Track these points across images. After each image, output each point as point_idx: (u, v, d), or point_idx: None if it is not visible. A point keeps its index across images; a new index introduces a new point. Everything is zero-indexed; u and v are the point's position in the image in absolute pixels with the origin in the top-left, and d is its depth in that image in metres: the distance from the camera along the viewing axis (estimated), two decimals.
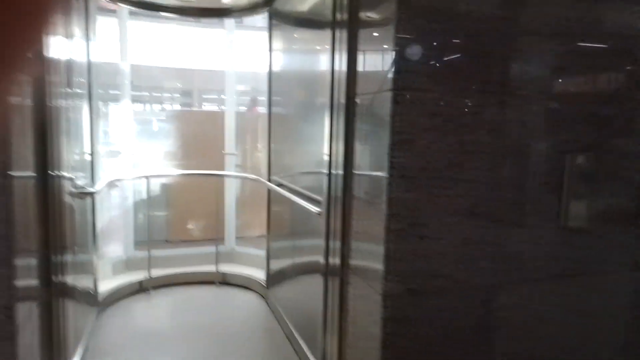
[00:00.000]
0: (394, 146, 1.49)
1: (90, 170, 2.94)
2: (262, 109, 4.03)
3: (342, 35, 1.92)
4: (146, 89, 4.93)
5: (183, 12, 3.47)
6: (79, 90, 2.70)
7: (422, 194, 1.54)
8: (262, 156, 4.08)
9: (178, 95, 5.56)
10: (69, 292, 2.29)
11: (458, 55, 1.55)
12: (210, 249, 4.19)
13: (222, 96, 4.59)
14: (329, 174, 2.03)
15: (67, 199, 2.33)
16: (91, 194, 2.50)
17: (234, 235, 4.44)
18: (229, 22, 4.20)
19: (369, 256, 1.71)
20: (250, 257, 4.17)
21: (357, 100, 1.83)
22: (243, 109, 4.89)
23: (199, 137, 4.86)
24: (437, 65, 1.53)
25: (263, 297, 3.63)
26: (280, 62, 3.34)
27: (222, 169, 4.39)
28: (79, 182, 2.63)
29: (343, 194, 1.92)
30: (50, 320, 1.96)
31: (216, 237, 4.20)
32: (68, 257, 2.22)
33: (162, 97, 5.21)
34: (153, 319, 3.30)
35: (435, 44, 1.52)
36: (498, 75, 1.58)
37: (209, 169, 4.31)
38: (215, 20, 4.20)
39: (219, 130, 4.50)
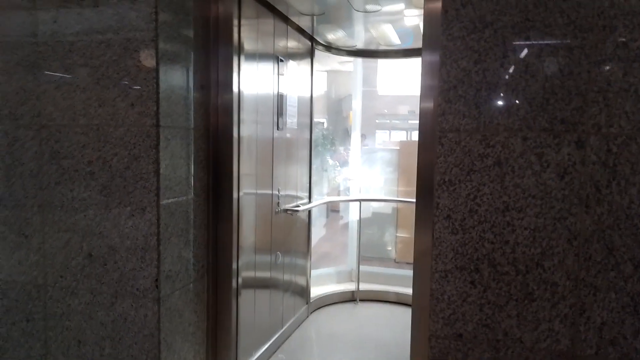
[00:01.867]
0: None
1: (308, 192, 3.70)
2: None
3: None
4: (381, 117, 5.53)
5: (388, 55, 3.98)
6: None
7: None
8: None
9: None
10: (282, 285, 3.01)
11: None
12: None
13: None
14: None
15: (281, 213, 3.08)
16: (296, 212, 3.20)
17: None
18: None
19: None
20: None
21: None
22: None
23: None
24: None
25: None
26: None
27: None
28: (294, 202, 3.39)
29: None
30: None
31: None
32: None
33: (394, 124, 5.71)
34: (347, 325, 3.75)
35: None
36: None
37: None
38: None
39: None
